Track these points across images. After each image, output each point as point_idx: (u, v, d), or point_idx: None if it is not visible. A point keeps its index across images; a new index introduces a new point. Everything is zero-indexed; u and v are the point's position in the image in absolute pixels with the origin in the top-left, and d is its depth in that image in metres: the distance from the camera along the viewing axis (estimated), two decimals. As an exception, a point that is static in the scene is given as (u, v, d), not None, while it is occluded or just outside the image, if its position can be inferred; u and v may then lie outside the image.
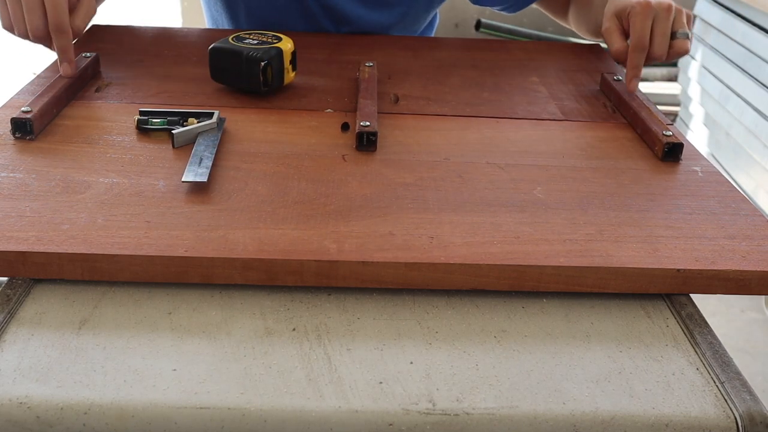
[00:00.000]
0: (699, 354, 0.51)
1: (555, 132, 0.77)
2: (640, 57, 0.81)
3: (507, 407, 0.46)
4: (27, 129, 0.68)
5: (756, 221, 0.62)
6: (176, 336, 0.50)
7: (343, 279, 0.54)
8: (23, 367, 0.46)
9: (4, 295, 0.52)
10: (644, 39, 0.81)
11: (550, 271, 0.54)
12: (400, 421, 0.45)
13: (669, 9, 0.81)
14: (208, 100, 0.80)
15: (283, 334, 0.51)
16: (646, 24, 0.80)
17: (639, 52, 0.81)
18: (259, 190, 0.62)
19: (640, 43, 0.81)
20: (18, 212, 0.57)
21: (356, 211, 0.59)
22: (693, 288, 0.56)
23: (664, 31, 0.81)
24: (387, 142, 0.72)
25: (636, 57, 0.81)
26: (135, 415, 0.44)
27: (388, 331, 0.52)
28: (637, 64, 0.82)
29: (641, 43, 0.81)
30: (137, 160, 0.66)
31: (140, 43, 0.97)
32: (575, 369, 0.49)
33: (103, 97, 0.79)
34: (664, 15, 0.80)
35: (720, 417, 0.46)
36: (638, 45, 0.81)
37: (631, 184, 0.67)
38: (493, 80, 0.90)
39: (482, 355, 0.50)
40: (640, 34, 0.81)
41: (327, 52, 0.97)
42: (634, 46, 0.81)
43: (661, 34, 0.81)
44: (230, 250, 0.53)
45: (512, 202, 0.62)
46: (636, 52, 0.81)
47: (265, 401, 0.45)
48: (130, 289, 0.54)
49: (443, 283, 0.54)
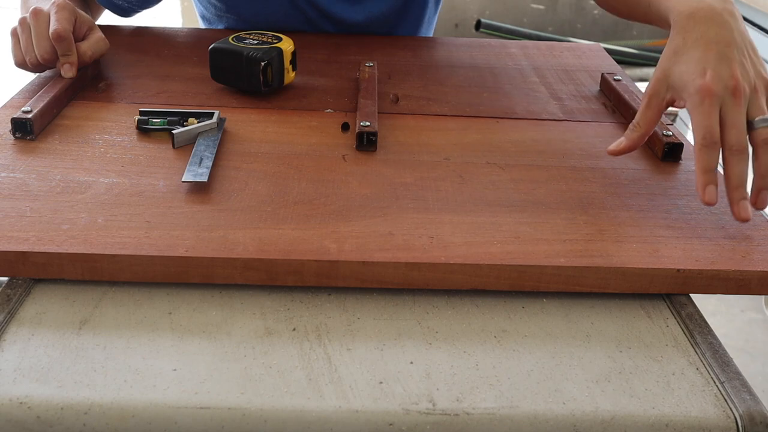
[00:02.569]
0: (699, 354, 0.51)
1: (555, 132, 0.77)
2: (710, 156, 0.59)
3: (507, 407, 0.46)
4: (27, 129, 0.68)
5: (756, 221, 0.62)
6: (176, 336, 0.50)
7: (343, 279, 0.54)
8: (23, 367, 0.46)
9: (4, 295, 0.52)
10: (714, 132, 0.59)
11: (550, 271, 0.54)
12: (400, 421, 0.45)
13: (738, 92, 0.60)
14: (208, 100, 0.80)
15: (283, 334, 0.51)
16: (713, 114, 0.60)
17: (709, 150, 0.60)
18: (260, 190, 0.62)
19: (708, 137, 0.59)
20: (18, 212, 0.57)
21: (356, 211, 0.59)
22: (693, 288, 0.56)
23: (736, 122, 0.60)
24: (387, 142, 0.72)
25: (706, 157, 0.60)
26: (135, 415, 0.44)
27: (388, 331, 0.52)
28: (708, 167, 0.60)
29: (710, 137, 0.59)
30: (137, 160, 0.66)
31: (140, 43, 0.97)
32: (575, 369, 0.49)
33: (103, 97, 0.79)
34: (732, 102, 0.60)
35: (720, 417, 0.46)
36: (706, 140, 0.59)
37: (631, 184, 0.67)
38: (493, 80, 0.90)
39: (482, 355, 0.50)
40: (705, 126, 0.59)
41: (327, 52, 0.97)
42: (701, 142, 0.60)
43: (732, 125, 0.60)
44: (230, 250, 0.53)
45: (512, 202, 0.62)
46: (705, 149, 0.60)
47: (265, 401, 0.45)
48: (130, 289, 0.54)
49: (443, 283, 0.54)
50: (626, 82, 0.87)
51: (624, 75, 0.90)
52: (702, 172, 0.60)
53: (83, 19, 0.80)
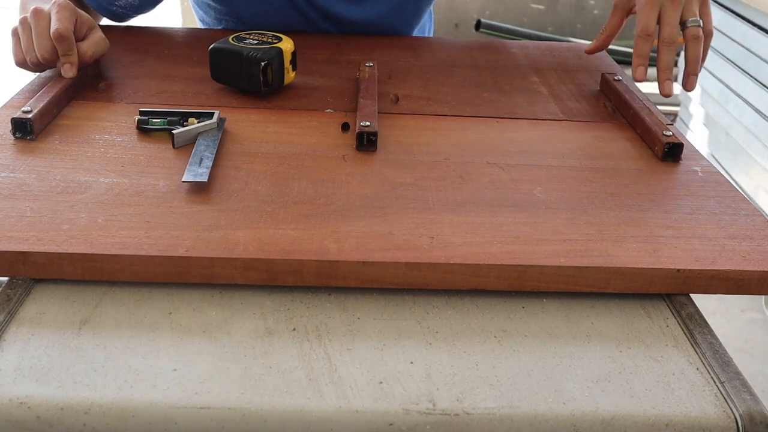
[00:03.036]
0: (699, 354, 0.51)
1: (555, 132, 0.77)
2: (644, 45, 0.80)
3: (507, 407, 0.46)
4: (27, 129, 0.68)
5: (756, 221, 0.62)
6: (176, 336, 0.50)
7: (343, 279, 0.54)
8: (23, 367, 0.46)
9: (4, 295, 0.52)
10: (649, 26, 0.79)
11: (550, 271, 0.54)
12: (400, 421, 0.45)
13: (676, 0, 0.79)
14: (208, 100, 0.80)
15: (283, 334, 0.51)
16: (652, 14, 0.79)
17: (643, 40, 0.80)
18: (260, 190, 0.62)
19: (644, 30, 0.80)
20: (18, 212, 0.57)
21: (356, 211, 0.59)
22: (693, 288, 0.56)
23: (670, 20, 0.79)
24: (387, 142, 0.72)
25: (640, 45, 0.80)
26: (135, 415, 0.44)
27: (388, 331, 0.52)
28: (641, 53, 0.80)
29: (645, 30, 0.80)
30: (137, 160, 0.66)
31: (140, 43, 0.97)
32: (575, 369, 0.49)
33: (103, 97, 0.79)
34: (669, 5, 0.79)
35: (720, 417, 0.46)
36: (642, 32, 0.80)
37: (631, 184, 0.67)
38: (493, 80, 0.90)
39: (482, 355, 0.50)
40: (644, 22, 0.79)
41: (327, 52, 0.97)
42: (638, 33, 0.80)
43: (667, 23, 0.79)
44: (230, 250, 0.53)
45: (512, 202, 0.62)
46: (640, 39, 0.80)
47: (265, 401, 0.45)
48: (130, 289, 0.54)
49: (443, 283, 0.54)
50: (626, 82, 0.87)
51: (624, 75, 0.90)
52: (636, 56, 0.80)
53: (84, 19, 0.80)
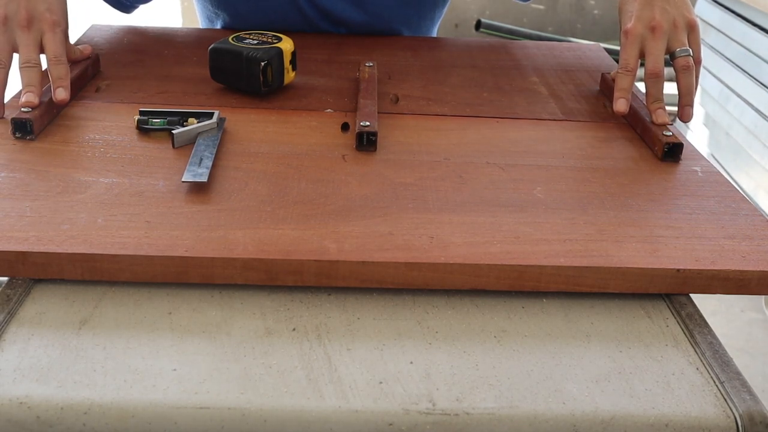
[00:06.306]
0: (699, 354, 0.51)
1: (555, 132, 0.77)
2: (624, 79, 0.78)
3: (507, 407, 0.46)
4: (27, 129, 0.68)
5: (756, 221, 0.62)
6: (176, 336, 0.50)
7: (343, 279, 0.54)
8: (23, 367, 0.46)
9: (4, 295, 0.52)
10: (628, 63, 0.78)
11: (550, 271, 0.54)
12: (400, 421, 0.45)
13: (657, 29, 0.77)
14: (208, 100, 0.80)
15: (283, 334, 0.51)
16: (632, 50, 0.78)
17: (623, 75, 0.79)
18: (259, 190, 0.62)
19: (624, 67, 0.78)
20: (18, 212, 0.57)
21: (356, 211, 0.59)
22: (693, 288, 0.56)
23: (652, 51, 0.77)
24: (387, 142, 0.72)
25: (620, 79, 0.79)
26: (135, 415, 0.44)
27: (388, 331, 0.52)
28: (622, 86, 0.78)
29: (625, 67, 0.78)
30: (137, 160, 0.66)
31: (140, 43, 0.97)
32: (575, 369, 0.49)
33: (103, 97, 0.79)
34: (651, 37, 0.77)
35: (720, 417, 0.46)
36: (623, 69, 0.78)
37: (631, 184, 0.67)
38: (493, 80, 0.90)
39: (482, 355, 0.50)
40: (624, 59, 0.78)
41: (327, 52, 0.97)
42: (619, 69, 0.79)
43: (650, 54, 0.77)
44: (230, 250, 0.53)
45: (512, 202, 0.62)
46: (620, 75, 0.79)
47: (265, 401, 0.45)
48: (130, 289, 0.54)
49: (443, 283, 0.54)
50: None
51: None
52: (617, 89, 0.79)
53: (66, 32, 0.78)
